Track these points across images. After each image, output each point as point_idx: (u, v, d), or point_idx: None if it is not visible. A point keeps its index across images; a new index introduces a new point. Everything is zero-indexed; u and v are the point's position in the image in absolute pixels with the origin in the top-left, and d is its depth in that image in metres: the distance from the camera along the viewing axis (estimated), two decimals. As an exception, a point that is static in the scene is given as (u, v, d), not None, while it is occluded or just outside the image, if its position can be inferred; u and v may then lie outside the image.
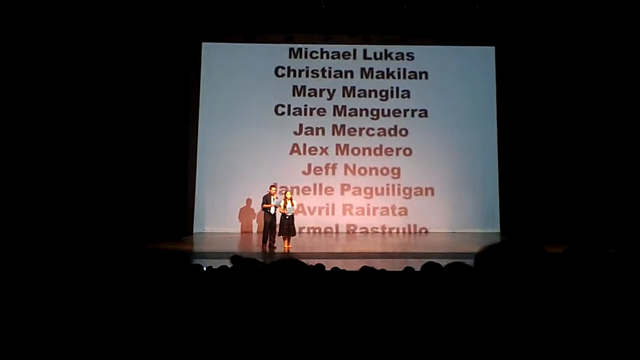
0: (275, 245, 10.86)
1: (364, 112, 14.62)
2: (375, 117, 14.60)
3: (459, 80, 14.51)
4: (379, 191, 14.36)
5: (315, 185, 14.30)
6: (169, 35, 13.36)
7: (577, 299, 1.33)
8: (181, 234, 12.88)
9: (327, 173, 14.36)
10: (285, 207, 10.74)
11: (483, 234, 13.43)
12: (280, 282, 1.26)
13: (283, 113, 14.48)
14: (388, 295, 3.04)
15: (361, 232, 14.12)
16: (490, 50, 14.63)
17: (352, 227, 14.19)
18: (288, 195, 10.91)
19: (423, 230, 14.14)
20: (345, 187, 14.34)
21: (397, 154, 14.48)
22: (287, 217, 10.72)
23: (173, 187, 13.33)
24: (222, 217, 13.86)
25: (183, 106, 13.80)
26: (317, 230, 14.07)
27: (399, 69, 14.73)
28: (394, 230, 14.16)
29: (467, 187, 14.15)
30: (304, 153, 14.38)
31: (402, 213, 14.29)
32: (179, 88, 13.68)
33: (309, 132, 14.46)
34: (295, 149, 14.39)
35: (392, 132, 14.54)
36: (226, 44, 14.44)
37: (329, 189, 14.30)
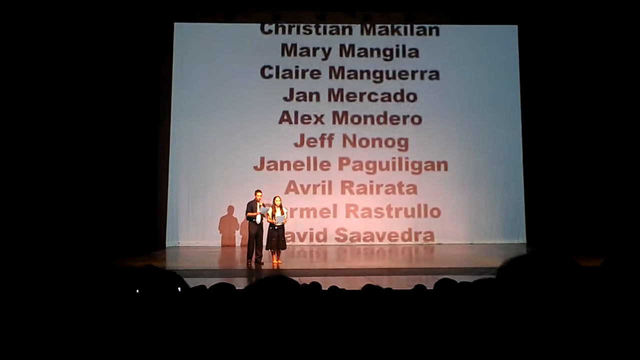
0: (262, 260, 10.84)
1: (364, 74, 14.62)
2: (378, 79, 14.62)
3: (476, 64, 14.55)
4: (384, 166, 14.41)
5: (309, 159, 14.34)
6: (135, 14, 13.28)
7: (618, 320, 1.33)
8: (151, 248, 12.83)
9: (322, 145, 14.42)
10: (273, 215, 10.72)
11: (506, 245, 13.45)
12: (267, 304, 1.25)
13: (270, 76, 14.49)
14: (396, 318, 3.03)
15: (363, 214, 14.12)
16: (513, 29, 14.71)
17: (352, 208, 14.22)
18: (277, 201, 10.89)
19: (435, 212, 14.15)
20: (344, 162, 14.37)
21: (405, 122, 14.54)
22: (275, 227, 10.70)
23: (140, 192, 13.19)
24: (199, 228, 13.86)
25: (152, 97, 13.77)
26: (312, 212, 14.06)
27: (405, 27, 14.80)
28: (401, 212, 14.16)
29: (487, 177, 14.19)
30: (296, 122, 14.43)
31: (411, 191, 14.35)
32: (148, 76, 13.62)
33: (301, 98, 14.50)
34: (286, 117, 14.42)
35: (399, 97, 14.58)
36: (202, 24, 14.45)
37: (324, 164, 14.33)
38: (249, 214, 11.05)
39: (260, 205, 10.97)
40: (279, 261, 10.71)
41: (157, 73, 13.96)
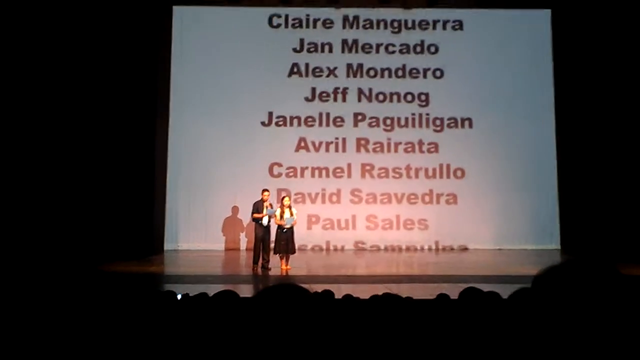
0: (269, 265, 10.85)
1: (381, 23, 14.65)
2: (396, 29, 14.62)
3: (503, 51, 14.49)
4: (402, 122, 14.42)
5: (321, 115, 14.39)
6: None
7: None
8: (148, 252, 12.84)
9: (335, 100, 14.44)
10: (282, 217, 10.71)
11: (538, 251, 13.37)
12: (274, 314, 1.24)
13: (279, 25, 14.56)
14: (416, 330, 3.02)
15: (380, 174, 14.19)
16: (546, 14, 14.63)
17: (367, 168, 14.23)
18: (286, 202, 10.87)
19: (459, 172, 14.21)
20: (359, 117, 14.39)
21: (425, 76, 14.55)
22: (284, 230, 10.69)
23: (136, 190, 13.24)
24: (200, 230, 13.89)
25: (149, 87, 13.79)
26: (324, 172, 14.16)
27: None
28: (421, 172, 14.22)
29: (515, 176, 14.11)
30: (307, 75, 14.50)
31: (432, 150, 14.39)
32: (144, 65, 13.64)
33: (312, 50, 14.58)
34: (295, 69, 14.49)
35: (418, 48, 14.59)
36: (204, 7, 14.48)
37: (338, 120, 14.37)
38: (255, 215, 11.02)
39: (267, 206, 10.95)
40: (288, 267, 10.70)
41: (154, 61, 13.96)
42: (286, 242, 10.67)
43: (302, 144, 14.13)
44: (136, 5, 13.42)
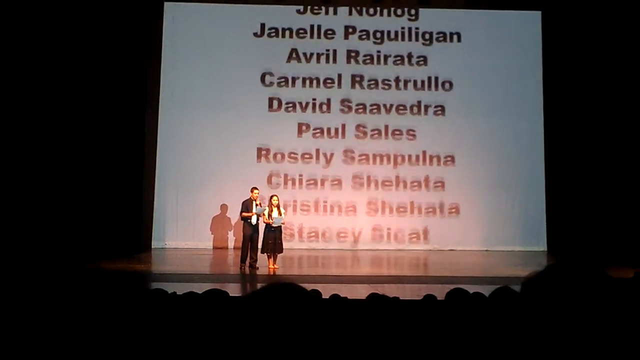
0: (257, 265, 10.84)
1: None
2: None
3: (492, 52, 14.58)
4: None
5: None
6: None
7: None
8: (136, 249, 12.80)
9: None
10: (270, 215, 10.71)
11: (525, 253, 13.41)
12: (274, 315, 1.24)
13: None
14: (403, 330, 3.04)
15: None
16: (536, 15, 14.70)
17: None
18: (274, 200, 10.86)
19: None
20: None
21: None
22: (272, 229, 10.70)
23: (124, 187, 13.17)
24: (188, 229, 13.85)
25: (139, 85, 13.74)
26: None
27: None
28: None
29: (503, 177, 14.20)
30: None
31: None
32: (133, 60, 13.58)
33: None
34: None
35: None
36: (195, 4, 14.44)
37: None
38: (244, 214, 11.01)
39: (256, 205, 10.94)
40: (276, 266, 10.71)
41: (143, 58, 13.91)
42: (274, 241, 10.69)
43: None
44: (127, 2, 13.35)
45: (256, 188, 11.23)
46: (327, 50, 14.60)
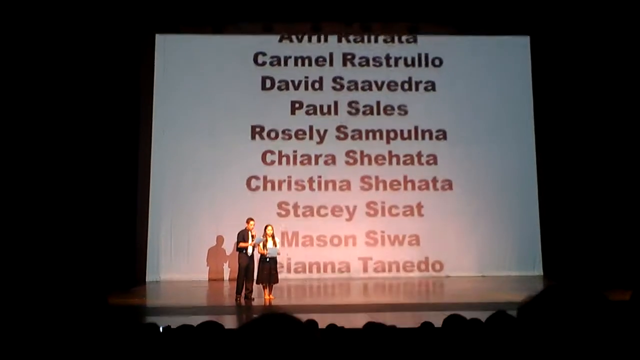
0: (253, 296, 10.78)
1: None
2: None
3: (484, 78, 14.72)
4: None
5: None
6: (112, 24, 13.28)
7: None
8: (129, 283, 12.69)
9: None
10: (265, 246, 10.67)
11: (521, 278, 13.36)
12: (267, 347, 1.21)
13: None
14: (401, 359, 3.01)
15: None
16: (525, 40, 14.88)
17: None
18: (269, 230, 10.83)
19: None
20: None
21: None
22: (267, 259, 10.65)
23: (117, 219, 13.06)
24: (183, 261, 13.78)
25: (131, 115, 13.72)
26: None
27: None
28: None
29: (498, 202, 14.25)
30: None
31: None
32: (125, 92, 13.56)
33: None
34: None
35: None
36: (187, 35, 14.56)
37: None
38: (242, 244, 10.96)
39: (252, 235, 10.91)
40: (271, 296, 10.65)
41: (135, 89, 13.93)
42: (269, 271, 10.64)
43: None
44: (119, 34, 13.41)
45: (252, 219, 11.16)
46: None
